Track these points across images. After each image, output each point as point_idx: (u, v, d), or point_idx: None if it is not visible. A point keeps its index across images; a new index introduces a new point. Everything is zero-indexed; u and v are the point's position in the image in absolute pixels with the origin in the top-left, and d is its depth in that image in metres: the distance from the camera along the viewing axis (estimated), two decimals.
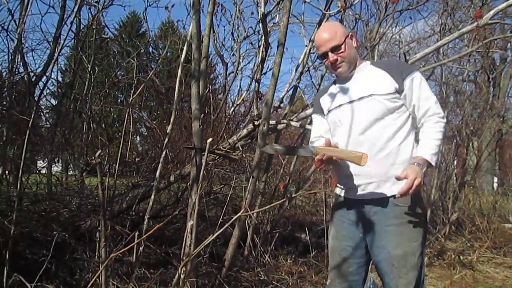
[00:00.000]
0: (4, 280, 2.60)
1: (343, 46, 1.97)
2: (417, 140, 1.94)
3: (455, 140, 6.25)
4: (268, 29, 4.42)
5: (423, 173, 1.76)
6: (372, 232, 1.91)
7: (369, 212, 1.92)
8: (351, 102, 1.99)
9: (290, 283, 3.67)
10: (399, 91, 1.90)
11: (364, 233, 1.95)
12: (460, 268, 4.62)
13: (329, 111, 2.10)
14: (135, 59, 4.34)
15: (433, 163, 1.82)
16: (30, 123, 3.04)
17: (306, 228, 5.04)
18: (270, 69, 4.86)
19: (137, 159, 6.22)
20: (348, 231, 2.00)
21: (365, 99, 1.94)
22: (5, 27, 3.70)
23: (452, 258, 4.92)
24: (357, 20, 5.37)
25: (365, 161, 1.76)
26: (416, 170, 1.75)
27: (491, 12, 3.49)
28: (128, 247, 2.12)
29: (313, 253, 4.59)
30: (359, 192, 1.94)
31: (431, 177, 6.30)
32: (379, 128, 1.91)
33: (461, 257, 4.98)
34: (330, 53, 1.99)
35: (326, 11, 3.96)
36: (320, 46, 2.03)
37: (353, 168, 1.93)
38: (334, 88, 2.14)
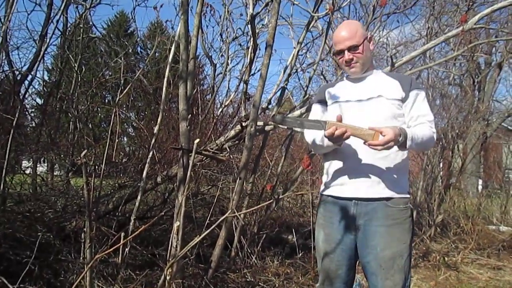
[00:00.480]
0: None
1: (360, 47, 1.97)
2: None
3: (440, 143, 6.31)
4: (257, 31, 4.43)
5: (397, 140, 1.76)
6: (362, 232, 1.92)
7: (360, 212, 1.92)
8: (359, 101, 2.00)
9: (277, 285, 3.67)
10: (403, 99, 1.96)
11: (354, 234, 1.95)
12: (444, 269, 4.67)
13: (334, 103, 2.09)
14: (122, 58, 4.31)
15: (407, 145, 1.82)
16: (14, 122, 3.00)
17: (293, 230, 5.05)
18: (258, 71, 4.87)
19: (123, 160, 6.18)
20: (338, 233, 1.98)
21: (374, 99, 1.97)
22: None
23: (437, 259, 4.97)
24: None
25: (377, 139, 1.74)
26: (396, 133, 1.74)
27: (476, 17, 3.55)
28: (114, 248, 2.10)
29: (300, 254, 4.60)
30: (353, 189, 1.94)
31: (416, 179, 6.38)
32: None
33: (446, 259, 5.04)
34: (346, 52, 1.99)
35: (315, 13, 3.98)
36: (338, 43, 2.02)
37: (350, 163, 1.95)
38: (343, 84, 2.14)
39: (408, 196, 1.95)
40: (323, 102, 2.15)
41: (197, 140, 2.25)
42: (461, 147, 7.11)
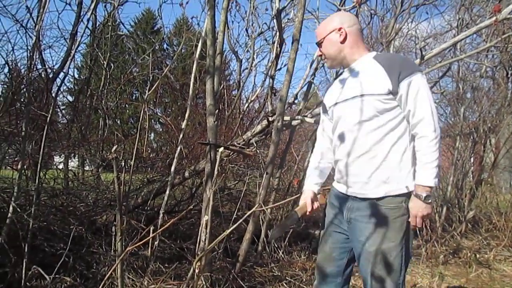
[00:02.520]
0: (23, 272, 2.65)
1: (322, 44, 2.03)
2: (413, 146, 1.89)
3: (472, 137, 6.16)
4: (283, 25, 4.41)
5: (425, 202, 1.79)
6: (353, 226, 1.95)
7: (353, 207, 1.95)
8: (344, 100, 1.99)
9: (304, 279, 3.67)
10: (393, 92, 1.83)
11: (348, 226, 1.99)
12: (476, 266, 4.57)
13: (329, 108, 2.12)
14: (150, 55, 4.36)
15: (433, 185, 1.79)
16: (48, 119, 3.08)
17: (320, 224, 5.02)
18: (285, 65, 4.86)
19: (151, 155, 6.28)
20: (336, 219, 2.06)
21: (356, 98, 1.92)
22: (24, 25, 3.76)
23: (468, 256, 4.86)
24: (373, 15, 5.32)
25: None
26: (416, 206, 1.80)
27: (510, 6, 3.42)
28: (144, 241, 2.14)
29: None
30: (345, 188, 1.99)
31: (446, 174, 6.24)
32: (366, 130, 1.89)
33: (478, 255, 4.92)
34: (318, 48, 2.08)
35: (341, 6, 3.93)
36: None
37: (341, 166, 1.99)
38: (335, 83, 2.14)
39: (404, 192, 1.85)
40: (325, 110, 2.19)
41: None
42: (494, 142, 6.90)
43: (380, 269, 1.85)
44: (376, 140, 1.87)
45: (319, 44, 2.05)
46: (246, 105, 5.46)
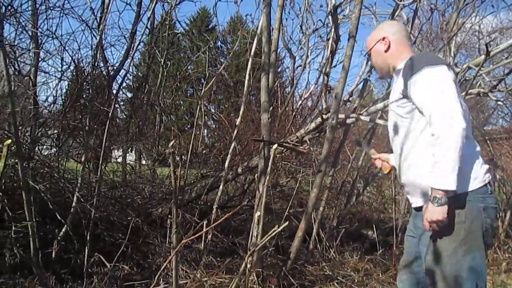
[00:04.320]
0: (85, 259, 2.79)
1: (371, 56, 2.09)
2: None
3: None
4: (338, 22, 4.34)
5: (438, 205, 1.64)
6: (417, 233, 1.94)
7: (416, 214, 1.95)
8: (388, 109, 2.07)
9: (356, 280, 3.60)
10: (405, 95, 1.80)
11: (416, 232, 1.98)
12: None
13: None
14: (206, 53, 4.44)
15: (437, 187, 1.63)
16: (110, 114, 3.22)
17: (374, 225, 4.91)
18: (340, 63, 4.78)
19: (205, 151, 6.40)
20: (411, 224, 2.06)
21: (390, 107, 1.99)
22: (90, 25, 3.96)
23: None
24: (433, 10, 5.10)
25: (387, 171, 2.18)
26: (428, 210, 1.68)
27: None
28: (198, 235, 2.19)
29: (380, 251, 4.46)
30: (407, 195, 2.03)
31: (511, 177, 5.89)
32: (401, 138, 1.89)
33: None
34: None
35: (400, 1, 3.80)
36: None
37: (400, 177, 1.98)
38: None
39: (458, 198, 1.69)
40: None
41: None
42: None
43: (437, 279, 1.74)
44: (408, 147, 1.84)
45: (368, 56, 2.12)
46: (300, 102, 5.43)
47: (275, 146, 2.34)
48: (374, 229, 4.81)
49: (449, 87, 1.67)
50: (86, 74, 4.07)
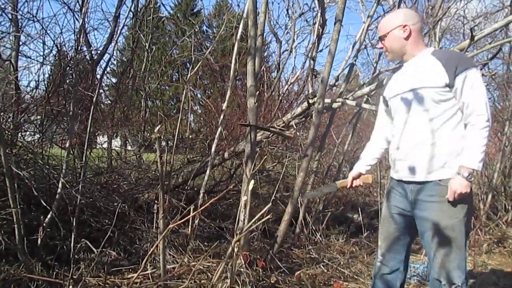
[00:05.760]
0: (72, 245, 2.78)
1: (386, 38, 2.17)
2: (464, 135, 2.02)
3: None
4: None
5: (467, 180, 1.92)
6: (418, 206, 2.08)
7: (416, 190, 2.09)
8: (404, 92, 2.13)
9: (342, 262, 3.66)
10: (450, 85, 1.97)
11: (412, 206, 2.12)
12: None
13: (389, 99, 2.27)
14: (192, 37, 4.39)
15: (477, 168, 1.94)
16: (94, 99, 3.18)
17: (359, 209, 4.98)
18: (326, 47, 4.78)
19: (191, 136, 6.37)
20: (397, 201, 2.22)
21: (416, 90, 2.06)
22: (71, 8, 3.87)
23: None
24: None
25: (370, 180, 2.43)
26: (458, 183, 1.93)
27: None
28: (184, 219, 2.20)
29: (366, 233, 4.55)
30: (407, 174, 2.12)
31: (493, 160, 6.01)
32: (425, 120, 2.04)
33: None
34: (380, 41, 2.24)
35: None
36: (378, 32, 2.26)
37: (398, 154, 2.16)
38: (395, 77, 2.29)
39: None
40: (385, 102, 2.33)
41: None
42: None
43: (445, 243, 1.98)
44: (434, 128, 2.02)
45: (381, 38, 2.19)
46: (286, 87, 5.42)
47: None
48: (360, 212, 4.89)
49: (485, 90, 2.03)
50: (69, 58, 3.98)
